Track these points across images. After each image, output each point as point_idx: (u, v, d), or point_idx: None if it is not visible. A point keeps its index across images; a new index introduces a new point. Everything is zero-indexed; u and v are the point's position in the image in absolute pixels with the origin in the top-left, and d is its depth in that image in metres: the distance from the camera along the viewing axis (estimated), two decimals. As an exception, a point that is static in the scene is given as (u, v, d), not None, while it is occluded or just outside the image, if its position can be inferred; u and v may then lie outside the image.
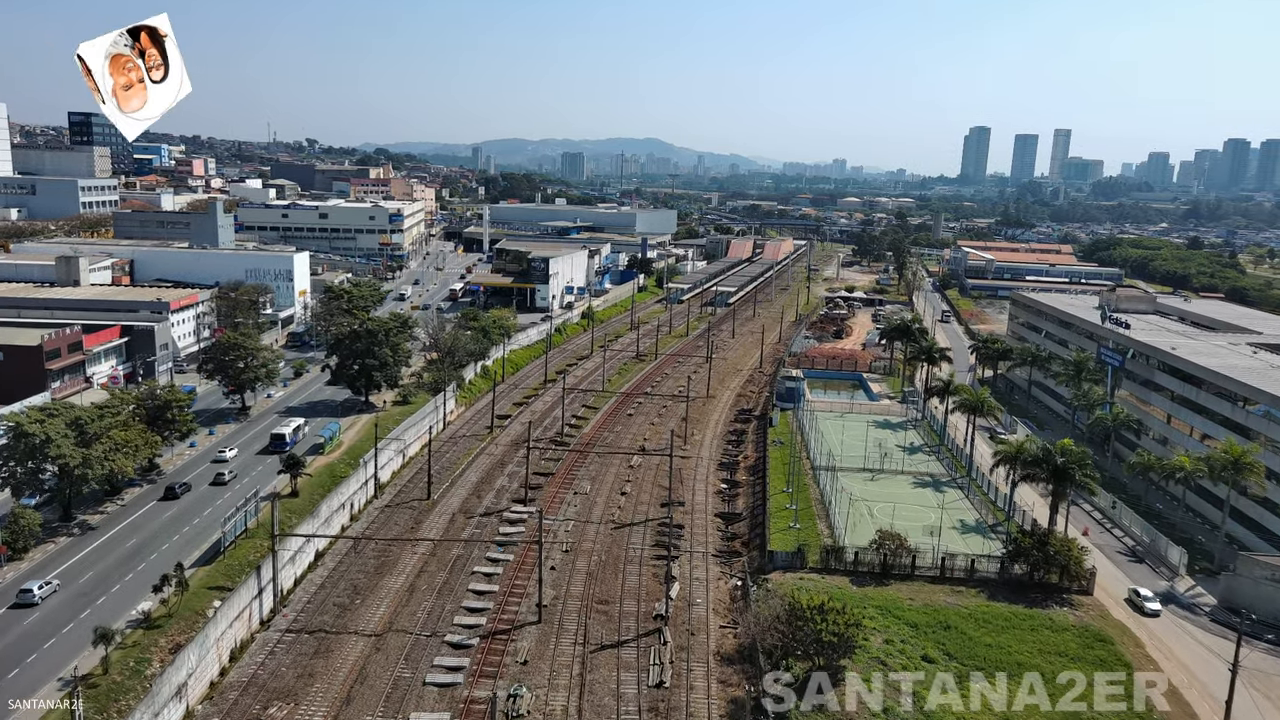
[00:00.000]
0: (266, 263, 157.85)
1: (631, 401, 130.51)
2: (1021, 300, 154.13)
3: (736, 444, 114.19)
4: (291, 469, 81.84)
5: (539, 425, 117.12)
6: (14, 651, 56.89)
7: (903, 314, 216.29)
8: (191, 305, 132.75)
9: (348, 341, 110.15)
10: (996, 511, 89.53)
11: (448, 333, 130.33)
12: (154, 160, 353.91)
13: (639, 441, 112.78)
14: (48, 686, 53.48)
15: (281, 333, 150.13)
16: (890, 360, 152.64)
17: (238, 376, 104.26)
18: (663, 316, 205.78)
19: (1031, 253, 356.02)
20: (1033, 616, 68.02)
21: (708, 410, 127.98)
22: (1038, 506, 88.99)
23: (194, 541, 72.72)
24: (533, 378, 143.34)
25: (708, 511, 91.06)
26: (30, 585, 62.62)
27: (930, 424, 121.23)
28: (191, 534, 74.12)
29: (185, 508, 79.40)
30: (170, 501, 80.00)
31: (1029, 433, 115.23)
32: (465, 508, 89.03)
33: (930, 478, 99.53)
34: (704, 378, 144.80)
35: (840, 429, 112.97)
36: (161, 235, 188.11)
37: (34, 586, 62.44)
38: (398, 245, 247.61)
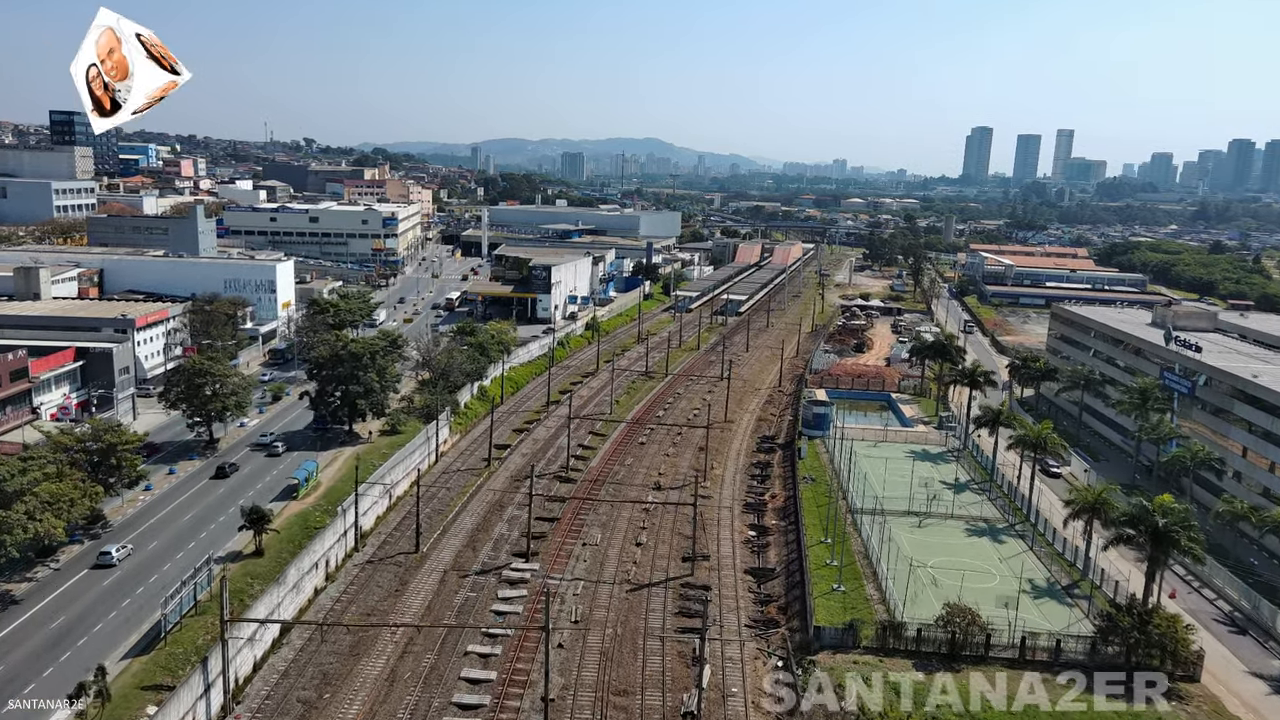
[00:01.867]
0: (247, 272, 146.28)
1: (642, 428, 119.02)
2: (1063, 314, 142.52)
3: (762, 479, 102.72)
4: (254, 524, 70.24)
5: (541, 456, 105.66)
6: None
7: (926, 326, 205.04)
8: (160, 321, 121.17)
9: (328, 366, 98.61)
10: (1069, 569, 78.04)
11: (441, 351, 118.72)
12: (140, 161, 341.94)
13: (653, 476, 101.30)
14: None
15: (262, 349, 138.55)
16: (921, 379, 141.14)
17: (203, 406, 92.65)
18: (671, 327, 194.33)
19: (1047, 256, 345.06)
20: (1138, 717, 56.53)
21: (726, 438, 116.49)
22: (1114, 560, 77.53)
23: (134, 620, 61.09)
24: (534, 399, 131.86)
25: (736, 566, 79.53)
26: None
27: (973, 454, 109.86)
28: (132, 609, 62.47)
29: (128, 574, 67.70)
30: (108, 568, 68.27)
31: (1086, 466, 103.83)
32: (458, 563, 77.48)
33: (985, 524, 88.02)
34: (719, 398, 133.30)
35: (880, 466, 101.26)
36: (138, 242, 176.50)
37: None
38: (392, 250, 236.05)
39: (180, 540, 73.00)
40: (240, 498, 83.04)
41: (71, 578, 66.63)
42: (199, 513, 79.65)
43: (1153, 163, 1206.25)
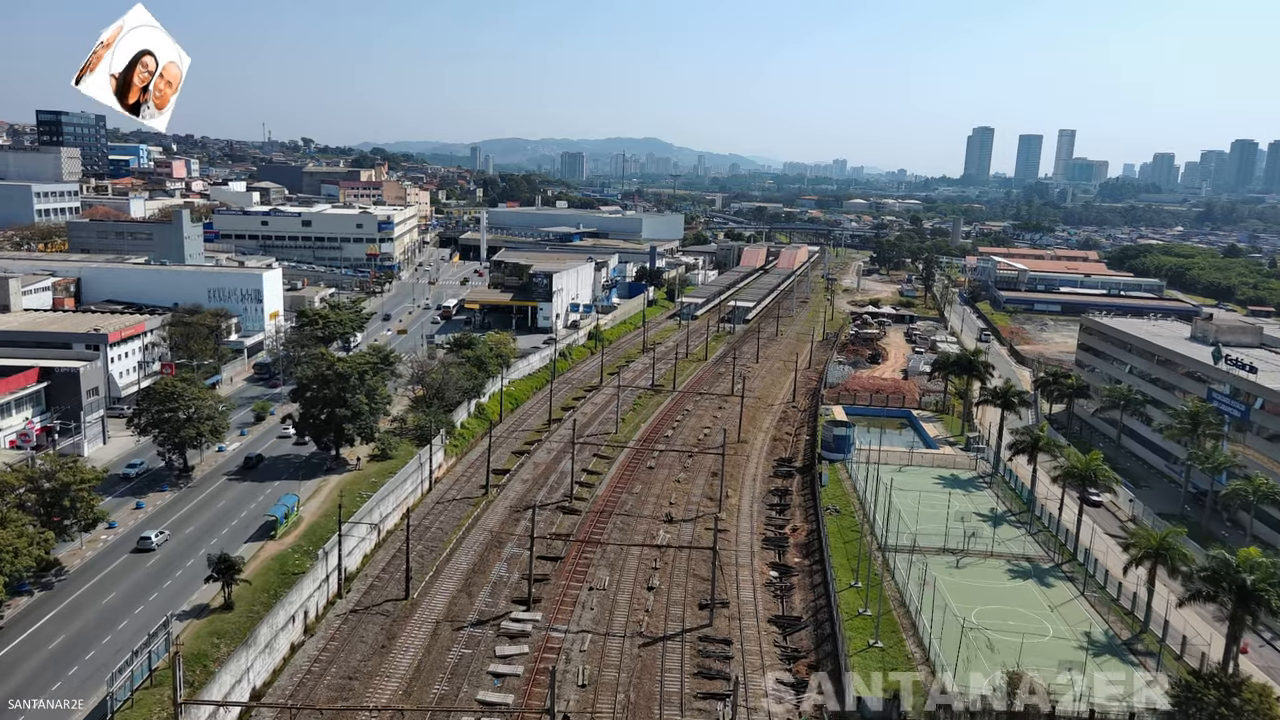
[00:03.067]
0: (232, 281, 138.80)
1: (651, 449, 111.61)
2: (1094, 326, 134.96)
3: (781, 508, 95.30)
4: (223, 574, 62.75)
5: (543, 484, 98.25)
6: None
7: (941, 335, 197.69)
8: (137, 336, 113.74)
9: (313, 387, 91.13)
10: (1128, 620, 70.55)
11: (436, 368, 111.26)
12: (131, 162, 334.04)
13: (664, 506, 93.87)
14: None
15: (247, 363, 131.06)
16: (944, 395, 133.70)
17: (175, 433, 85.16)
18: (677, 335, 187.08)
19: (1058, 260, 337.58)
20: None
21: (740, 460, 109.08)
22: (1168, 602, 69.84)
23: (80, 692, 53.58)
24: (535, 416, 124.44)
25: (759, 614, 72.07)
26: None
27: (1006, 479, 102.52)
28: (78, 680, 54.97)
29: (76, 636, 60.16)
30: (59, 617, 60.89)
31: (1130, 496, 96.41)
32: (453, 612, 70.04)
33: (1028, 563, 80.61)
34: (730, 415, 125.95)
35: (909, 494, 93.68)
36: (121, 248, 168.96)
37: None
38: (387, 255, 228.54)
39: (141, 592, 65.42)
40: (213, 537, 75.70)
41: (19, 635, 59.16)
42: (165, 556, 72.17)
43: (1154, 163, 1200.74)
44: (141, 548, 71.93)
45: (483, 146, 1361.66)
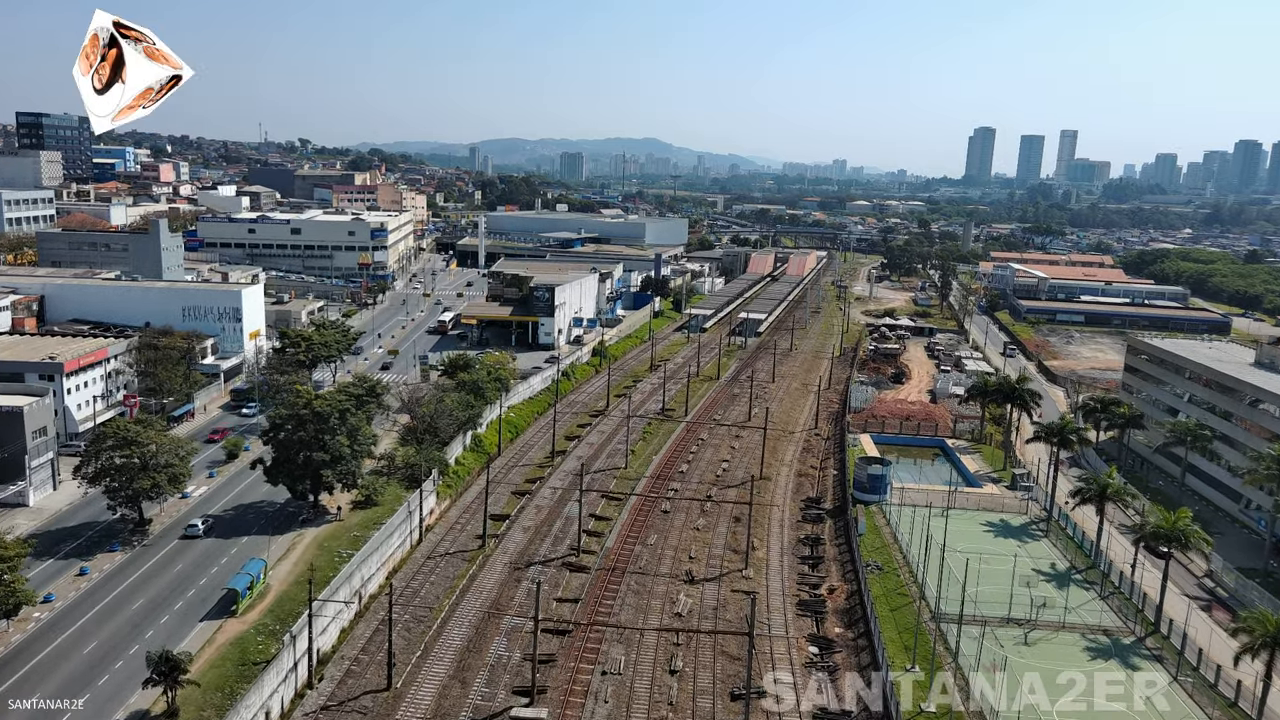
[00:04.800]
0: (209, 299, 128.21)
1: (664, 488, 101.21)
2: (1143, 348, 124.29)
3: (814, 561, 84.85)
4: (165, 677, 52.19)
5: (546, 533, 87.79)
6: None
7: (964, 349, 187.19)
8: (99, 363, 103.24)
9: (287, 428, 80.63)
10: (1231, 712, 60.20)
11: (428, 399, 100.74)
12: (117, 165, 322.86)
13: (682, 561, 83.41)
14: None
15: (224, 388, 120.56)
16: (981, 423, 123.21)
17: (128, 484, 74.67)
18: (686, 350, 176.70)
19: (1073, 266, 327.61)
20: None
21: (764, 500, 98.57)
22: None
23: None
24: (537, 447, 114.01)
25: (801, 710, 61.46)
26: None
27: (1061, 524, 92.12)
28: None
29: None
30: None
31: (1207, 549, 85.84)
32: (443, 708, 59.54)
33: (1106, 637, 70.19)
34: (750, 447, 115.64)
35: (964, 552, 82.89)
36: (94, 260, 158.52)
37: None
38: (381, 264, 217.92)
39: (67, 695, 54.68)
40: (165, 613, 65.22)
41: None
42: (103, 643, 61.55)
43: (1157, 164, 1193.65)
44: (81, 627, 61.36)
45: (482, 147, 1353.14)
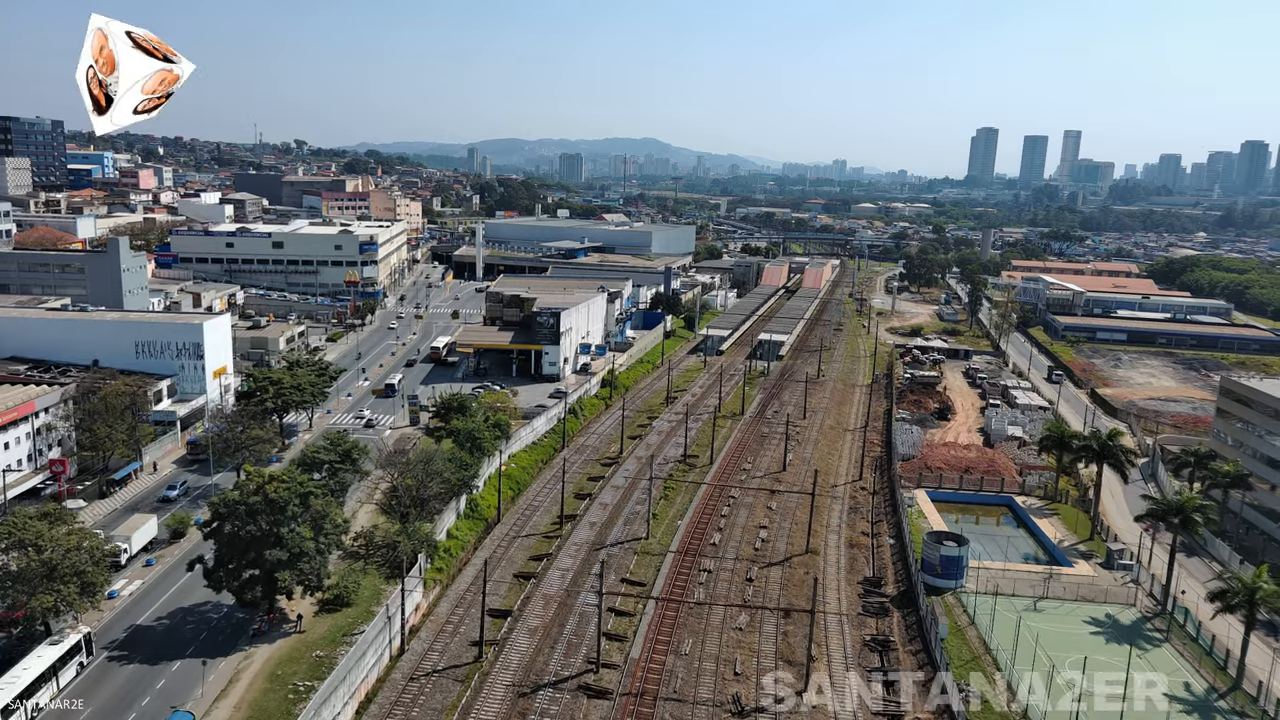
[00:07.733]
0: (166, 333, 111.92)
1: (695, 565, 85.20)
2: (1241, 391, 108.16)
3: (888, 677, 68.64)
4: None
5: (557, 637, 71.74)
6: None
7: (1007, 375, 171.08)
8: (24, 419, 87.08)
9: (234, 521, 64.49)
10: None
11: (414, 465, 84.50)
12: (94, 171, 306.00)
13: (726, 679, 67.37)
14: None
15: (180, 439, 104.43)
16: (1056, 475, 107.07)
17: (30, 598, 58.58)
18: (703, 378, 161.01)
19: (1099, 275, 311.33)
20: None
21: (816, 586, 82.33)
22: None
23: None
24: (542, 509, 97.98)
25: None
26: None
27: (1179, 621, 76.23)
28: None
29: None
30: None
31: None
32: None
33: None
34: (789, 508, 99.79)
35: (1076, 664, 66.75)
36: (48, 283, 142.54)
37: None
38: (370, 280, 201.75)
39: None
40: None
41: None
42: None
43: (1160, 164, 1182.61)
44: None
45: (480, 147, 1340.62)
